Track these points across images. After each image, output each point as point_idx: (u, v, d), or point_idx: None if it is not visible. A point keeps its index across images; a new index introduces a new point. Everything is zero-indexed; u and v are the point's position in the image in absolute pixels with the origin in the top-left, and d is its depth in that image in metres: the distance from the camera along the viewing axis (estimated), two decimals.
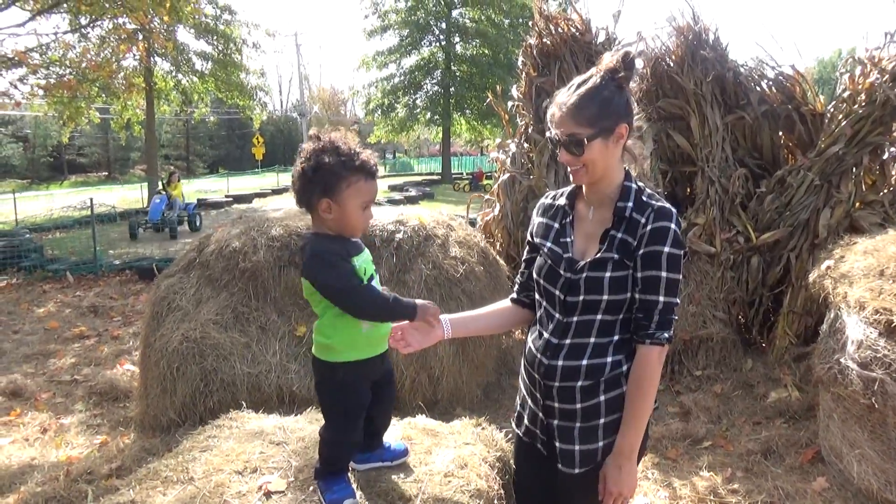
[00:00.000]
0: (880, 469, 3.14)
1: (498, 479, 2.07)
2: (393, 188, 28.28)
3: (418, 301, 1.73)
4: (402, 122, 29.42)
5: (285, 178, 37.21)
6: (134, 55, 17.89)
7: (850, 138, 4.64)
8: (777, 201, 4.97)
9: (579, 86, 1.71)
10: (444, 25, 28.40)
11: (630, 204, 1.71)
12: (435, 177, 34.20)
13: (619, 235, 1.70)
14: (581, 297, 1.72)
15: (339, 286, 1.61)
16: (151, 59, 19.59)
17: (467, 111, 28.61)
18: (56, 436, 4.35)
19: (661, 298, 1.65)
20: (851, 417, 3.37)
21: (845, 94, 4.76)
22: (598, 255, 1.72)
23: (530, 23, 5.52)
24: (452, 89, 28.26)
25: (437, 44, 28.84)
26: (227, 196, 24.65)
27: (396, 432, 2.20)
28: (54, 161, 48.46)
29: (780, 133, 5.30)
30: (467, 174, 29.49)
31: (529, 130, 5.62)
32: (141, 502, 1.81)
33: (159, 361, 4.20)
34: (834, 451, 3.56)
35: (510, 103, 5.97)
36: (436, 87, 29.59)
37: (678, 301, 1.68)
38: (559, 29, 5.38)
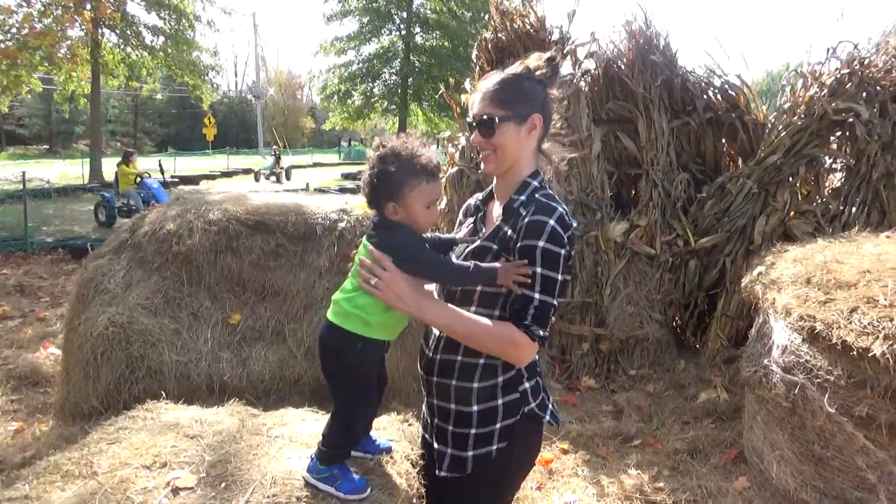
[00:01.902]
0: (797, 470, 3.24)
1: (419, 477, 2.03)
2: (346, 176, 27.93)
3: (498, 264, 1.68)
4: (358, 110, 29.09)
5: (237, 161, 36.43)
6: (80, 25, 17.19)
7: (788, 149, 4.77)
8: (716, 207, 5.09)
9: (501, 74, 1.74)
10: (404, 15, 28.15)
11: (522, 198, 1.72)
12: None
13: (505, 228, 1.70)
14: (458, 287, 1.73)
15: (424, 255, 1.67)
16: (99, 30, 18.84)
17: (424, 103, 28.48)
18: None
19: (537, 296, 1.60)
20: (773, 420, 3.46)
21: (786, 106, 4.89)
22: (478, 244, 1.74)
23: (486, 17, 5.48)
24: (410, 80, 28.07)
25: (397, 33, 28.59)
26: (173, 177, 23.91)
27: (317, 428, 2.14)
28: None
29: (723, 140, 5.42)
30: None
31: None
32: (36, 498, 1.70)
33: (83, 346, 4.03)
34: (756, 451, 3.66)
35: (463, 96, 5.93)
36: (394, 77, 29.36)
37: (555, 303, 1.64)
38: (514, 25, 5.36)
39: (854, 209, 4.77)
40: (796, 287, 3.39)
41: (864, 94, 4.57)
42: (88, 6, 15.59)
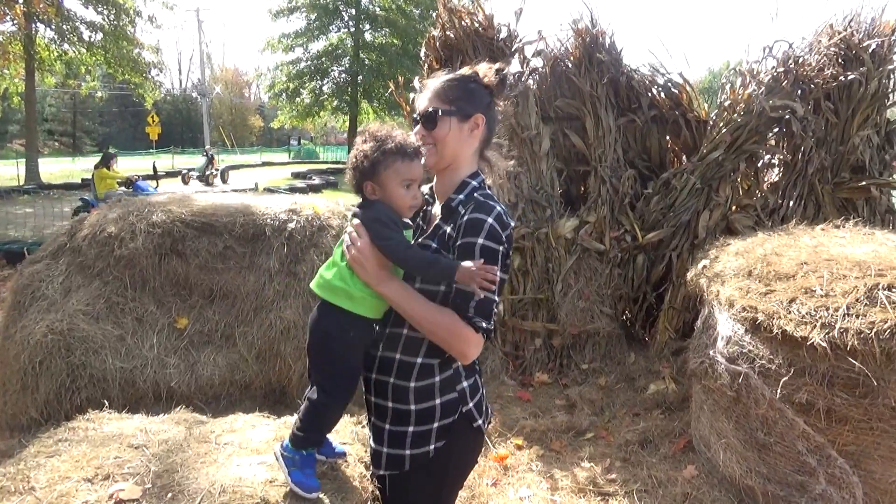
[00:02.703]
0: (742, 457, 3.35)
1: (374, 480, 2.02)
2: (296, 175, 27.55)
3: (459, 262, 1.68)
4: (307, 108, 28.72)
5: (182, 161, 35.48)
6: (12, 20, 16.46)
7: (729, 145, 4.92)
8: (662, 202, 5.21)
9: (450, 73, 1.82)
10: (353, 11, 27.91)
11: (461, 197, 1.75)
12: (341, 165, 33.65)
13: (445, 227, 1.72)
14: (416, 276, 1.73)
15: (396, 238, 1.68)
16: (33, 25, 18.07)
17: (375, 101, 28.29)
18: None
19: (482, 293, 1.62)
20: (719, 409, 3.57)
21: (726, 104, 5.04)
22: (419, 241, 1.77)
23: (435, 14, 5.48)
24: (360, 77, 27.86)
25: (346, 30, 28.32)
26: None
27: (267, 434, 2.10)
28: None
29: (668, 137, 5.55)
30: None
31: None
32: None
33: (19, 355, 3.86)
34: (703, 440, 3.76)
35: (412, 95, 5.91)
36: (343, 75, 29.09)
37: (497, 299, 1.66)
38: (463, 23, 5.37)
39: (791, 203, 4.95)
40: (738, 279, 3.50)
41: (800, 91, 4.75)
42: (21, 0, 14.92)
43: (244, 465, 1.86)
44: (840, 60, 4.75)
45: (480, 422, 1.80)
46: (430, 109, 1.73)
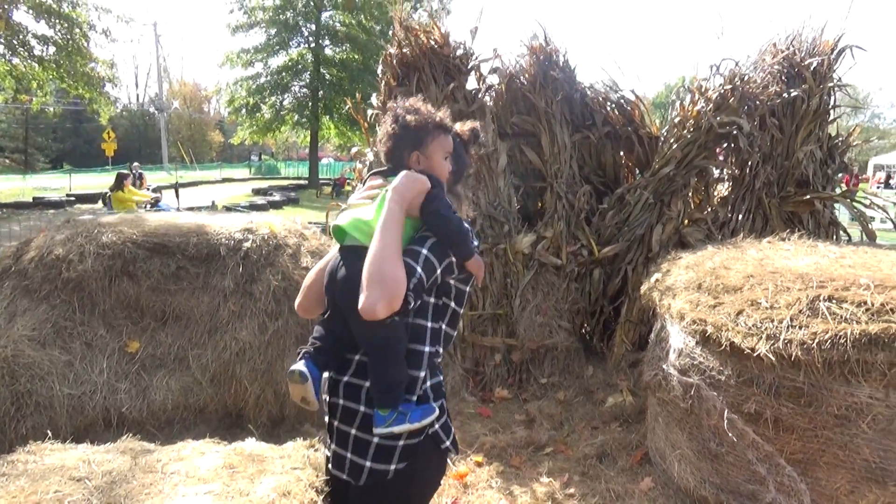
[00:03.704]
0: (696, 468, 3.40)
1: (328, 482, 1.98)
2: (257, 192, 27.22)
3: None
4: (267, 124, 28.46)
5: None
6: None
7: (679, 161, 5.05)
8: (617, 217, 5.30)
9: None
10: (313, 27, 27.84)
11: None
12: (302, 181, 33.40)
13: None
14: (456, 247, 1.84)
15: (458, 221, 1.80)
16: None
17: (336, 116, 28.20)
18: None
19: (419, 269, 1.70)
20: (673, 420, 3.63)
21: (676, 120, 5.18)
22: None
23: (390, 32, 5.52)
24: (321, 93, 27.75)
25: (306, 45, 28.23)
26: (68, 195, 22.57)
27: (216, 462, 2.07)
28: None
29: (622, 153, 5.67)
30: (333, 180, 29.04)
31: None
32: None
33: None
34: (659, 452, 3.82)
35: (370, 111, 5.93)
36: (304, 90, 28.95)
37: (419, 270, 1.72)
38: (419, 40, 5.41)
39: (740, 216, 5.09)
40: (689, 292, 3.57)
41: (746, 108, 4.90)
42: None
43: (190, 495, 1.82)
44: (783, 78, 4.93)
45: (448, 443, 1.82)
46: None
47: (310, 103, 28.32)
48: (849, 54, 5.06)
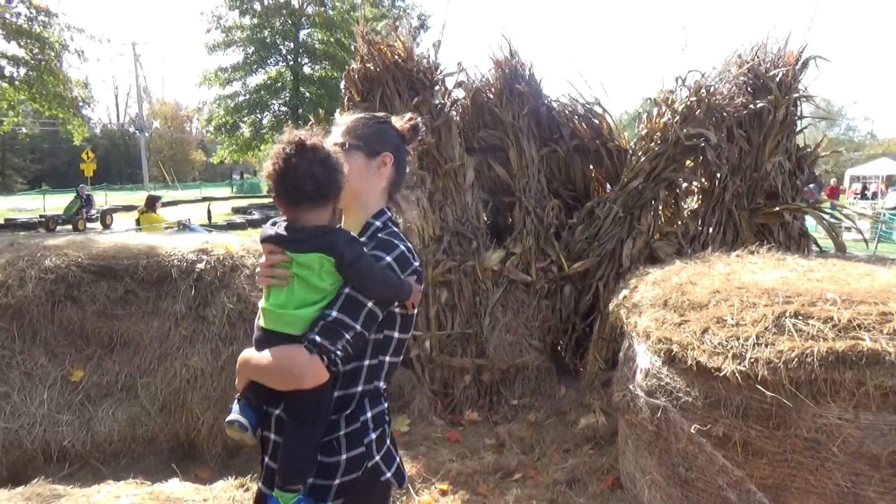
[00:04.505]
0: (667, 494, 3.25)
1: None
2: (236, 210, 26.96)
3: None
4: (247, 142, 28.27)
5: (116, 198, 34.36)
6: None
7: (648, 174, 4.95)
8: (586, 232, 5.19)
9: (362, 113, 1.87)
10: (291, 45, 27.76)
11: (363, 239, 1.72)
12: None
13: None
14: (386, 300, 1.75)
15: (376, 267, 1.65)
16: None
17: None
18: None
19: (334, 312, 1.58)
20: (643, 444, 3.48)
21: (644, 133, 5.09)
22: None
23: (353, 47, 5.40)
24: (301, 110, 27.61)
25: (285, 64, 28.13)
26: (41, 216, 22.17)
27: (127, 501, 1.88)
28: None
29: (591, 166, 5.56)
30: None
31: None
32: None
33: None
34: (630, 477, 3.67)
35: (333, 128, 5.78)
36: (283, 108, 28.80)
37: (357, 327, 1.59)
38: (382, 55, 5.30)
39: (711, 229, 5.00)
40: (655, 310, 3.44)
41: (713, 119, 4.82)
42: None
43: None
44: (749, 89, 4.86)
45: (389, 475, 1.71)
46: (338, 142, 1.75)
47: (289, 121, 28.16)
48: (813, 65, 5.01)
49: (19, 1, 17.00)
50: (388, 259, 1.66)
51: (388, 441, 1.75)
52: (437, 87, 5.40)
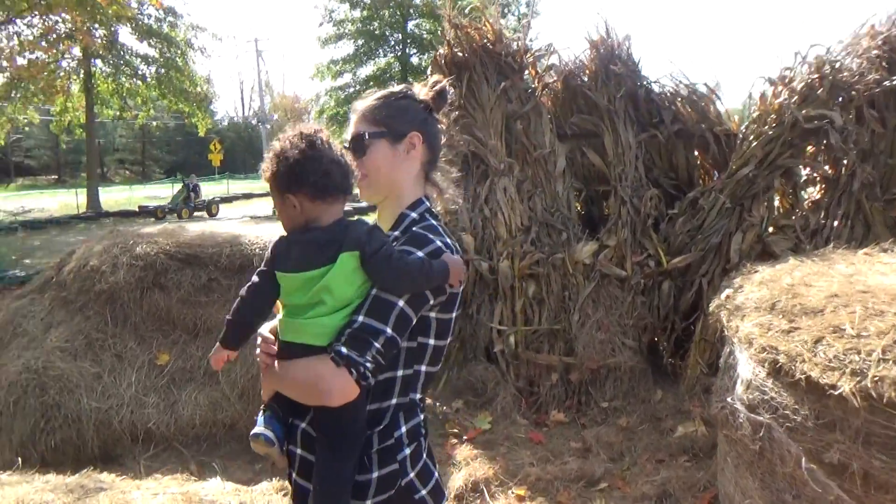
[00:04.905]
0: None
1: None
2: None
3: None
4: None
5: (236, 186, 36.39)
6: (72, 56, 17.21)
7: (760, 160, 4.44)
8: (689, 224, 4.75)
9: (378, 92, 1.65)
10: (399, 36, 28.11)
11: (396, 233, 1.53)
12: None
13: None
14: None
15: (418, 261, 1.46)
16: (91, 61, 18.88)
17: None
18: None
19: (360, 317, 1.41)
20: (743, 463, 3.10)
21: (755, 115, 4.57)
22: None
23: (439, 32, 5.24)
24: None
25: (393, 55, 28.53)
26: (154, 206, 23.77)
27: (160, 500, 1.82)
28: (0, 163, 46.74)
29: (696, 153, 5.10)
30: None
31: None
32: None
33: None
34: (728, 497, 3.29)
35: None
36: None
37: (388, 332, 1.41)
38: (470, 38, 5.10)
39: (836, 223, 4.41)
40: (760, 313, 3.04)
41: (839, 99, 4.23)
42: (80, 37, 15.53)
43: None
44: (884, 64, 4.22)
45: (424, 492, 1.55)
46: (355, 137, 1.56)
47: None
48: None
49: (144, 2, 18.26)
50: (419, 254, 1.46)
51: (424, 456, 1.58)
52: (526, 71, 5.12)
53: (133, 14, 16.54)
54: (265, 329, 1.61)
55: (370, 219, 1.64)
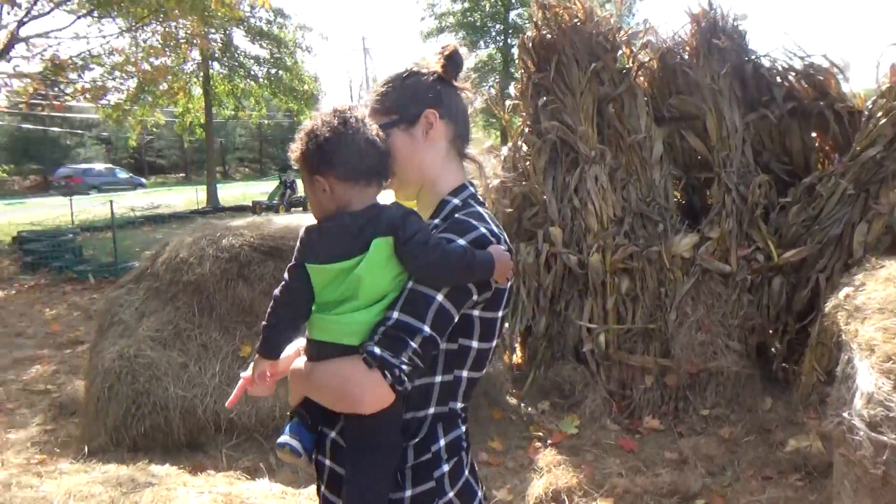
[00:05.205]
0: None
1: None
2: None
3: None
4: None
5: None
6: (193, 59, 18.32)
7: (890, 140, 3.88)
8: (804, 213, 4.25)
9: (382, 80, 1.51)
10: (500, 27, 27.83)
11: (436, 221, 1.37)
12: None
13: None
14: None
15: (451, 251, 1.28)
16: (209, 64, 20.03)
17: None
18: None
19: (395, 314, 1.26)
20: (863, 487, 2.69)
21: (884, 88, 3.99)
22: None
23: (528, 13, 4.99)
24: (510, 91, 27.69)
25: (495, 46, 28.30)
26: (253, 202, 24.76)
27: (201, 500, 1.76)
28: (135, 162, 50.67)
29: (814, 134, 4.56)
30: None
31: (526, 131, 5.09)
32: None
33: (95, 380, 3.95)
34: None
35: (508, 102, 5.46)
36: (492, 90, 29.09)
37: (426, 330, 1.24)
38: (558, 18, 4.82)
39: None
40: (884, 316, 2.63)
41: None
42: (197, 41, 16.49)
43: None
44: None
45: None
46: None
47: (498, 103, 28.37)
48: None
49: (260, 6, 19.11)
50: (461, 242, 1.29)
51: (465, 472, 1.41)
52: (620, 51, 4.78)
53: (242, 16, 17.37)
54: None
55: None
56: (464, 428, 1.43)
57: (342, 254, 1.29)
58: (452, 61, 1.45)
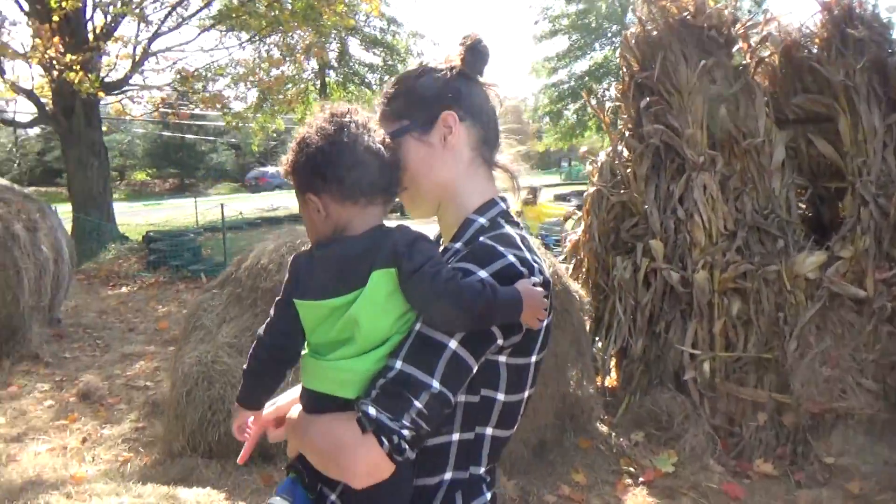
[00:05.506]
0: None
1: None
2: (558, 198, 27.22)
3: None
4: (571, 129, 28.38)
5: None
6: (311, 68, 19.05)
7: None
8: None
9: (391, 81, 1.32)
10: (616, 28, 26.89)
11: (457, 245, 1.16)
12: None
13: None
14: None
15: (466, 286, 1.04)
16: (325, 71, 20.77)
17: None
18: (90, 448, 4.28)
19: (398, 363, 1.04)
20: None
21: None
22: None
23: (631, 10, 4.60)
24: None
25: (611, 48, 27.38)
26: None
27: None
28: (261, 167, 53.74)
29: None
30: None
31: (627, 135, 4.68)
32: None
33: (176, 383, 3.98)
34: None
35: (609, 104, 5.06)
36: (608, 93, 28.19)
37: (435, 385, 1.01)
38: (666, 13, 4.39)
39: None
40: None
41: None
42: (313, 49, 17.12)
43: None
44: None
45: None
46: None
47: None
48: None
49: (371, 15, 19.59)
50: (481, 275, 1.05)
51: None
52: (736, 46, 4.28)
53: (353, 24, 17.85)
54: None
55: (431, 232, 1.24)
56: (488, 496, 1.17)
57: (335, 288, 1.08)
58: (475, 53, 1.22)
